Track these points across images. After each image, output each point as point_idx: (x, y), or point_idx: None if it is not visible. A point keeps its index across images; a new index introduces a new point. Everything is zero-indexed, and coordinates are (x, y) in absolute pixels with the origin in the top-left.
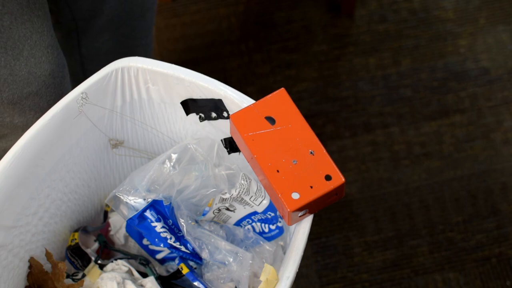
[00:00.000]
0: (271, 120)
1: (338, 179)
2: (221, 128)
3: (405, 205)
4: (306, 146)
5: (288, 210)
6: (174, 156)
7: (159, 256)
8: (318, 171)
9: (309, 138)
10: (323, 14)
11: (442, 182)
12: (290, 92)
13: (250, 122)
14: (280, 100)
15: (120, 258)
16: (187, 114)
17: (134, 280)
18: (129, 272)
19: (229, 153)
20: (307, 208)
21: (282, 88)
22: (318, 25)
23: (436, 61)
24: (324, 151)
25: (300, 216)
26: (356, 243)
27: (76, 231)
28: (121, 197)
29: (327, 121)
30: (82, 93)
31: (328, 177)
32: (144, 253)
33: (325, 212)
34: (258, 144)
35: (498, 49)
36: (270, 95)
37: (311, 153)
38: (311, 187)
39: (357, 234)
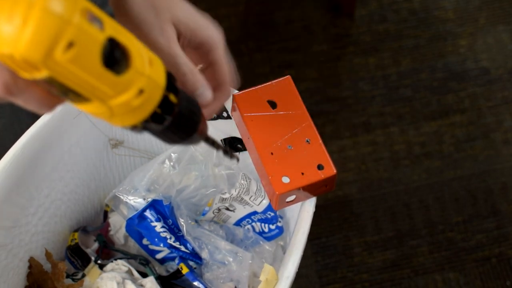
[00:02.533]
0: (272, 104)
1: (330, 170)
2: (221, 128)
3: (405, 205)
4: (304, 134)
5: (277, 193)
6: (174, 156)
7: (159, 256)
8: (311, 159)
9: (307, 127)
10: (323, 14)
11: (442, 182)
12: None
13: (252, 104)
14: (284, 87)
15: (120, 258)
16: None
17: (134, 280)
18: (129, 272)
19: None
20: (296, 194)
21: (288, 76)
22: (318, 25)
23: (436, 61)
24: (320, 141)
25: (287, 202)
26: (356, 243)
27: (76, 231)
28: (121, 197)
29: (327, 121)
30: None
31: (320, 167)
32: (144, 253)
33: (325, 212)
34: (256, 125)
35: (498, 49)
36: (276, 80)
37: (307, 141)
38: (303, 173)
39: (357, 234)
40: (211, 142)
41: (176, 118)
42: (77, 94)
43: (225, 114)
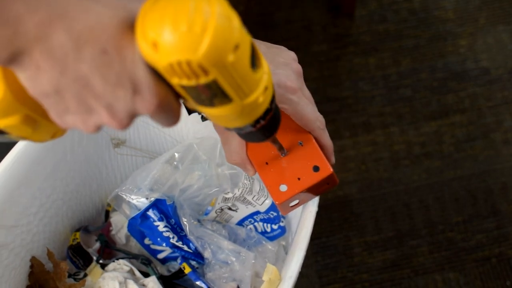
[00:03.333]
0: None
1: (326, 170)
2: None
3: (405, 205)
4: (296, 137)
5: (277, 202)
6: (177, 155)
7: (161, 255)
8: (306, 162)
9: (298, 129)
10: (323, 14)
11: (442, 182)
12: None
13: None
14: None
15: (122, 258)
16: (189, 113)
17: (135, 280)
18: (131, 271)
19: None
20: (297, 199)
21: None
22: (318, 25)
23: (436, 61)
24: (313, 141)
25: (291, 206)
26: (356, 243)
27: (77, 230)
28: (123, 196)
29: (327, 121)
30: None
31: (316, 168)
32: (145, 252)
33: (325, 212)
34: None
35: (498, 49)
36: None
37: (300, 144)
38: (299, 179)
39: (357, 234)
40: (274, 139)
41: (274, 113)
42: (225, 96)
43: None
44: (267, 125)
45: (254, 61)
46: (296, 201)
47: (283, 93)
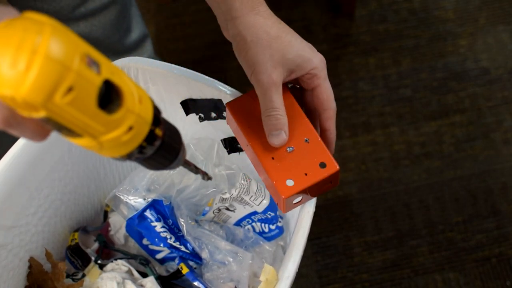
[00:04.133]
0: None
1: (333, 167)
2: (221, 128)
3: (405, 205)
4: (301, 134)
5: (283, 197)
6: None
7: (159, 256)
8: (313, 158)
9: (304, 126)
10: (323, 14)
11: (442, 182)
12: None
13: (246, 110)
14: None
15: (120, 258)
16: (187, 114)
17: (134, 280)
18: (129, 272)
19: (229, 153)
20: (302, 195)
21: None
22: (318, 25)
23: (436, 61)
24: (319, 139)
25: (294, 204)
26: (356, 243)
27: (76, 231)
28: (121, 196)
29: None
30: None
31: (322, 165)
32: (144, 253)
33: (325, 212)
34: (254, 131)
35: (498, 49)
36: None
37: (306, 141)
38: (306, 174)
39: (357, 234)
40: (189, 166)
41: (159, 149)
42: (70, 131)
43: (225, 114)
44: (152, 159)
45: (112, 101)
46: (300, 198)
47: (323, 68)
